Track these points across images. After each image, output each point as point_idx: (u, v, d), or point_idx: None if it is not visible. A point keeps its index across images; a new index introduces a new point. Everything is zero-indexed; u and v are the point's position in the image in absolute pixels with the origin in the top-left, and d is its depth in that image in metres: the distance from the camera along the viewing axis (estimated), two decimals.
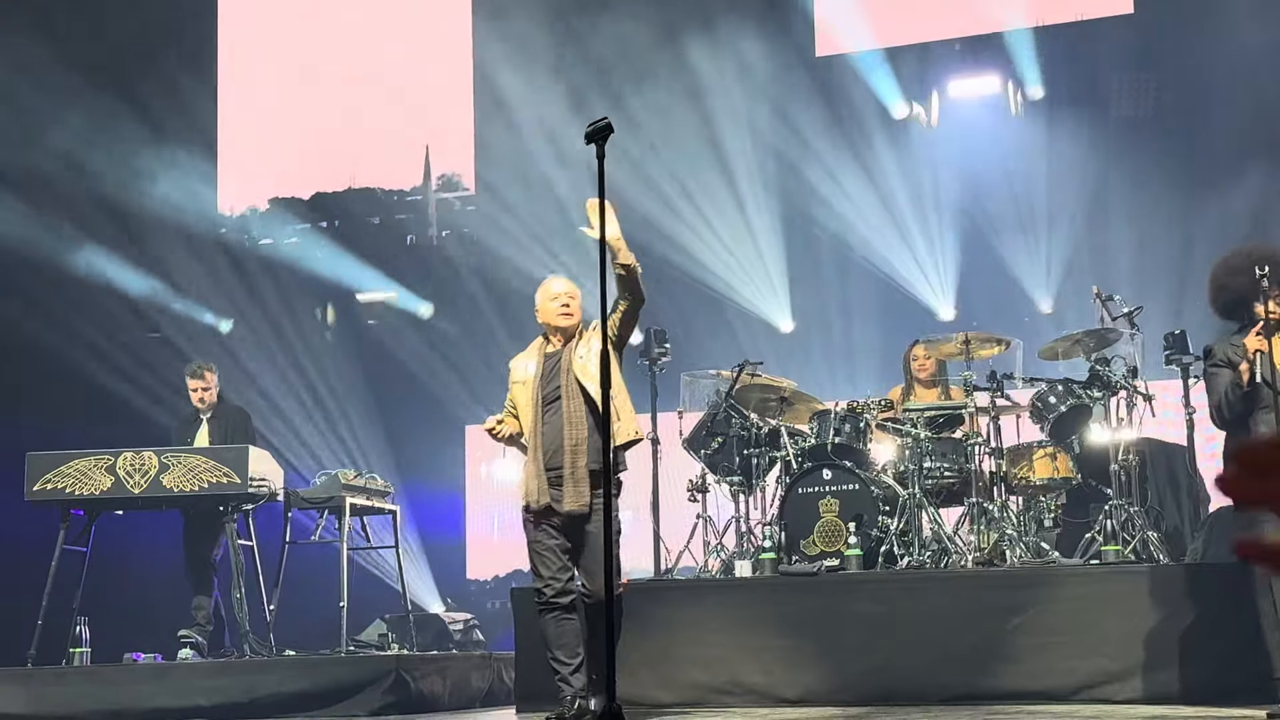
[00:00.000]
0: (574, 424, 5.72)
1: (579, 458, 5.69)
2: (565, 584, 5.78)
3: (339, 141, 12.59)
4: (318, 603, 8.95)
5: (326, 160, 12.69)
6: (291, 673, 7.71)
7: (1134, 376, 7.26)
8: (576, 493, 5.68)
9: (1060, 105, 10.95)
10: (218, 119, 12.78)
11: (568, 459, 5.70)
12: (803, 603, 6.89)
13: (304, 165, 12.73)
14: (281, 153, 12.73)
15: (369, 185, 12.63)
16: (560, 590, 5.77)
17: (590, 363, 5.68)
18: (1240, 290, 5.57)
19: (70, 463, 8.25)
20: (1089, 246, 10.47)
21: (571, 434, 5.72)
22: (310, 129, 12.60)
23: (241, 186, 12.81)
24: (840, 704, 6.51)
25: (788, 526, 7.42)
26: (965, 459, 7.42)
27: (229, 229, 12.76)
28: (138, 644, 8.51)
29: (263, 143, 12.78)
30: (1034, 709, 6.06)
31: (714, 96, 11.28)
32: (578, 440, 5.70)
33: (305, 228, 12.67)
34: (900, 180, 11.19)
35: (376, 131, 12.53)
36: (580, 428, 5.71)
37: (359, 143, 12.60)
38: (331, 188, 12.72)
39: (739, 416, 7.90)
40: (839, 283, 11.29)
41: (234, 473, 8.14)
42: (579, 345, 5.87)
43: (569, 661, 5.77)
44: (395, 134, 12.56)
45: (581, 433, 5.71)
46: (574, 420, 5.72)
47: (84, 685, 7.82)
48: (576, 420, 5.72)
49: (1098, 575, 6.64)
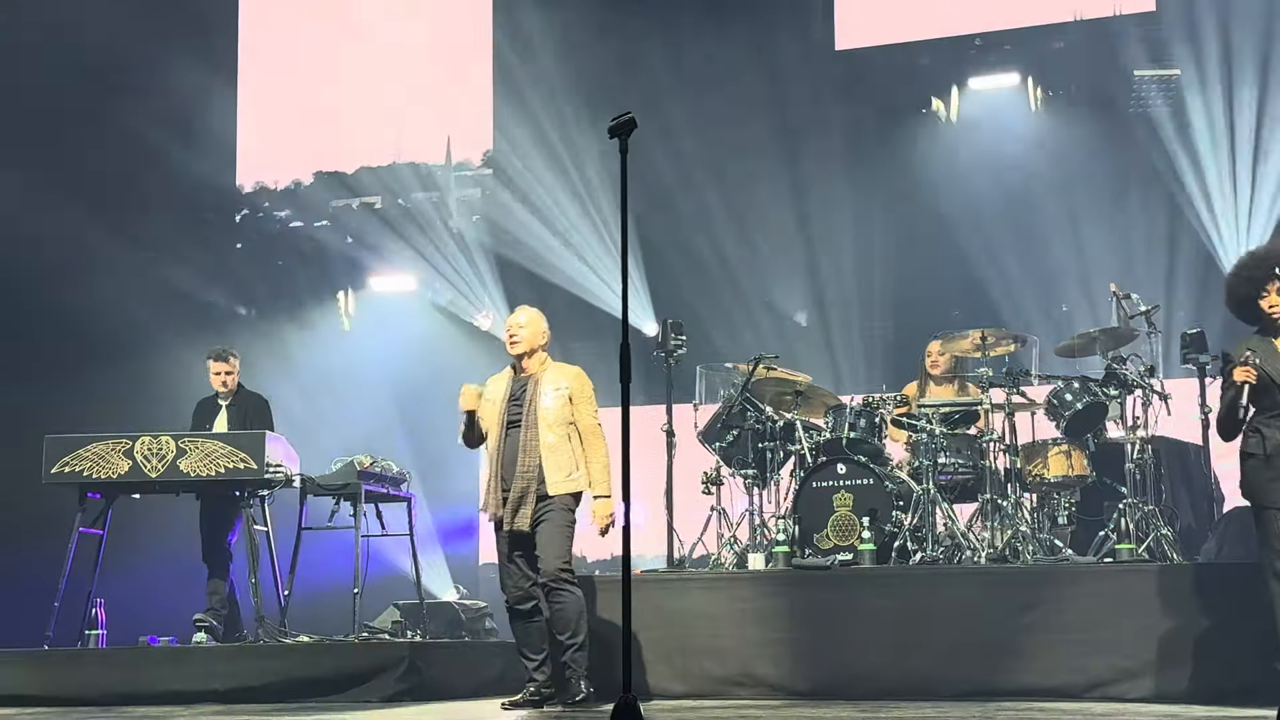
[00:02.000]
0: (528, 452, 6.28)
1: (529, 484, 6.24)
2: (527, 590, 6.37)
3: (357, 125, 12.59)
4: (332, 589, 8.99)
5: (345, 144, 12.69)
6: (305, 658, 7.74)
7: (1150, 375, 7.25)
8: (522, 514, 6.26)
9: (1079, 101, 10.93)
10: (237, 102, 12.79)
11: (517, 484, 6.25)
12: (816, 596, 6.91)
13: (323, 148, 12.73)
14: (301, 135, 12.73)
15: (388, 170, 12.63)
16: (522, 597, 6.39)
17: (555, 413, 6.30)
18: (1245, 292, 5.66)
19: (88, 446, 8.29)
20: (1107, 244, 10.44)
21: (525, 461, 6.27)
22: (330, 111, 12.59)
23: (261, 170, 12.82)
24: (852, 698, 6.52)
25: (801, 520, 7.43)
26: (980, 455, 7.43)
27: (248, 211, 12.77)
28: (153, 627, 8.56)
29: (283, 125, 12.79)
30: (1045, 706, 6.06)
31: (734, 87, 11.27)
32: (529, 467, 6.26)
33: (325, 211, 12.68)
34: (918, 174, 11.17)
35: (395, 116, 12.53)
36: (533, 455, 6.27)
37: (377, 126, 12.60)
38: (349, 171, 12.72)
39: (754, 410, 7.91)
40: (856, 277, 11.28)
41: (250, 458, 8.17)
42: (544, 382, 6.39)
43: (534, 658, 6.41)
44: (414, 118, 12.55)
45: (534, 460, 6.27)
46: (529, 449, 6.28)
47: (99, 668, 7.86)
48: (531, 449, 6.28)
49: (1111, 573, 6.64)
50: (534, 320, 6.54)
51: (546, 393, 6.35)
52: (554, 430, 6.31)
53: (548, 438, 6.29)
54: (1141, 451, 7.17)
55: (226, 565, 8.72)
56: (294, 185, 12.80)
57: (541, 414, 6.31)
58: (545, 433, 6.28)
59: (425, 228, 12.37)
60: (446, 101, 12.55)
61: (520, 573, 6.38)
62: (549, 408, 6.32)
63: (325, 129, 12.65)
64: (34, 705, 7.54)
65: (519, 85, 11.96)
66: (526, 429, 6.30)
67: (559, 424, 6.33)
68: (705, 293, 11.38)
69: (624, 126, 4.42)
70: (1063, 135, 10.82)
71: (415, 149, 12.63)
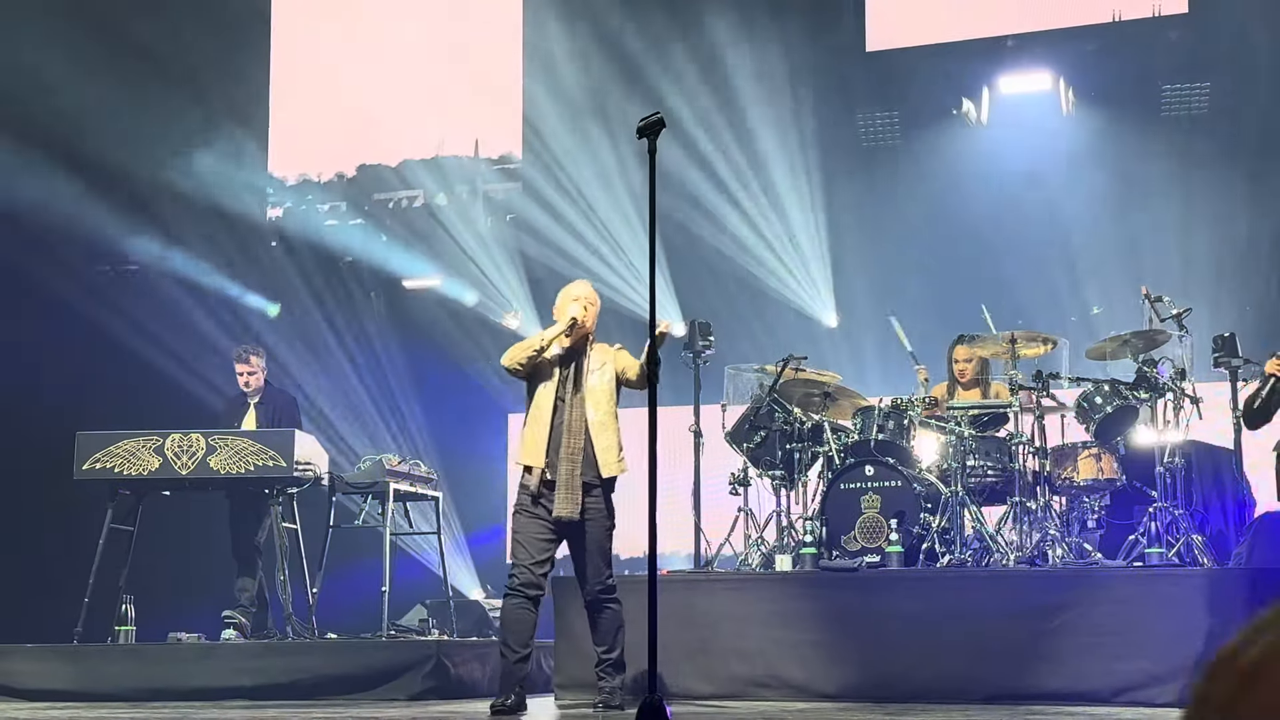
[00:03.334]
0: (573, 433, 6.01)
1: (575, 467, 5.97)
2: (538, 577, 6.06)
3: (388, 124, 12.63)
4: (360, 587, 9.03)
5: (376, 142, 12.73)
6: (333, 655, 7.78)
7: (1181, 378, 7.21)
8: (569, 500, 5.95)
9: (1112, 104, 10.87)
10: (269, 104, 12.85)
11: (564, 466, 5.98)
12: (843, 598, 6.89)
13: (354, 146, 12.76)
14: (332, 134, 12.77)
15: (417, 169, 12.65)
16: (531, 581, 6.05)
17: (600, 390, 6.08)
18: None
19: (119, 443, 8.35)
20: (1139, 246, 10.38)
21: (570, 442, 6.00)
22: (359, 111, 12.63)
23: (292, 169, 12.88)
24: (879, 700, 6.51)
25: (829, 522, 7.42)
26: (1009, 458, 7.40)
27: (278, 209, 12.82)
28: (182, 623, 8.61)
29: (314, 124, 12.83)
30: (1074, 710, 6.03)
31: (764, 87, 11.25)
32: (574, 449, 5.99)
33: (351, 210, 12.72)
34: (949, 175, 11.13)
35: (422, 113, 12.56)
36: (578, 437, 6.00)
37: (408, 124, 12.63)
38: (381, 169, 12.75)
39: (782, 410, 7.90)
40: (884, 278, 11.25)
41: (280, 456, 8.22)
42: (591, 361, 6.16)
43: (519, 651, 6.05)
44: (443, 117, 12.58)
45: (579, 442, 6.00)
46: (574, 429, 6.01)
47: (129, 663, 7.93)
48: (576, 430, 6.02)
49: (1141, 577, 6.61)
50: (594, 296, 6.32)
51: (594, 371, 6.16)
52: (601, 408, 6.11)
53: (594, 415, 6.07)
54: (1172, 455, 7.13)
55: (255, 562, 8.77)
56: (323, 183, 12.83)
57: (589, 392, 6.10)
58: (591, 410, 6.07)
59: (452, 227, 12.40)
60: (475, 100, 12.57)
61: (538, 556, 6.08)
62: (596, 386, 6.13)
63: (356, 125, 12.69)
64: (65, 700, 7.60)
65: (546, 87, 11.97)
66: (572, 407, 6.07)
67: (606, 402, 6.14)
68: (733, 294, 11.37)
69: (652, 127, 4.42)
70: (1094, 137, 10.76)
71: (442, 147, 12.64)
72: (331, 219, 12.70)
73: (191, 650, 8.11)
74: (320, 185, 12.76)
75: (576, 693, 6.96)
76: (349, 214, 12.71)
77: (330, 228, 12.66)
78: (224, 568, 8.96)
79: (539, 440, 6.06)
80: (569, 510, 5.97)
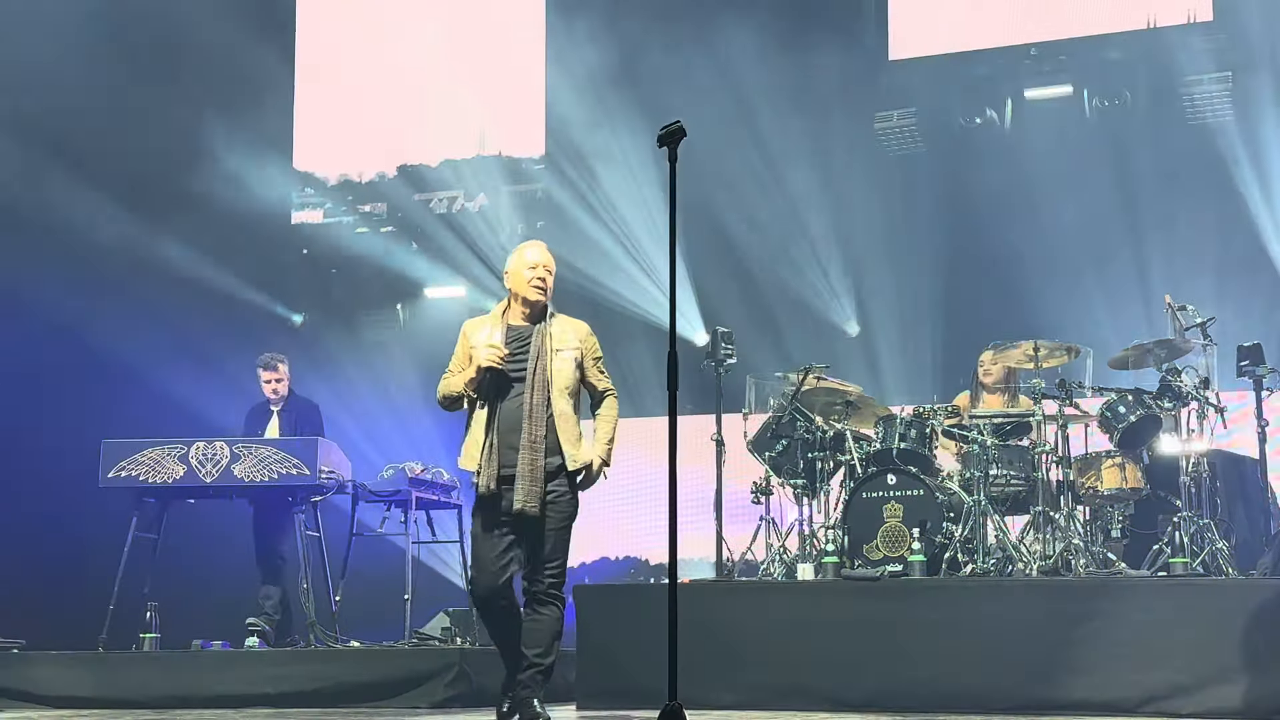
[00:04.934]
0: (535, 419, 5.36)
1: (537, 455, 5.34)
2: (501, 586, 5.44)
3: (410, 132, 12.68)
4: (382, 595, 9.04)
5: (400, 150, 12.77)
6: (356, 663, 7.80)
7: (1206, 388, 7.18)
8: (532, 491, 5.32)
9: (1135, 112, 10.84)
10: (294, 116, 12.91)
11: (525, 456, 5.33)
12: (865, 608, 6.87)
13: (379, 156, 12.81)
14: (357, 138, 12.81)
15: (441, 177, 12.69)
16: (495, 592, 5.44)
17: (565, 375, 5.45)
18: None
19: (144, 451, 8.41)
20: (1163, 255, 10.34)
21: (531, 430, 5.36)
22: (381, 121, 12.68)
23: (318, 176, 12.92)
24: (901, 710, 6.49)
25: (851, 530, 7.41)
26: (1032, 467, 7.38)
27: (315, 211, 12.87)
28: (206, 631, 8.65)
29: (339, 132, 12.88)
30: None
31: (786, 96, 11.25)
32: (536, 436, 5.35)
33: (378, 219, 12.76)
34: (972, 184, 11.11)
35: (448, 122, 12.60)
36: (540, 424, 5.36)
37: (430, 132, 12.67)
38: (402, 179, 12.79)
39: (804, 419, 7.90)
40: (906, 287, 11.23)
41: (303, 464, 8.26)
42: (554, 337, 5.50)
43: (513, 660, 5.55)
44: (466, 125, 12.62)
45: (540, 430, 5.36)
46: (535, 415, 5.36)
47: (153, 670, 7.96)
48: (538, 416, 5.37)
49: (1165, 587, 6.58)
50: (550, 260, 5.62)
51: (559, 351, 5.49)
52: (564, 396, 5.44)
53: (558, 404, 5.41)
54: (1196, 465, 7.10)
55: (279, 570, 8.81)
56: (349, 191, 12.86)
57: (555, 375, 5.44)
58: (557, 398, 5.40)
59: (474, 234, 12.42)
60: (496, 111, 12.61)
61: (499, 562, 5.42)
62: (561, 370, 5.46)
63: (381, 129, 12.72)
64: (88, 707, 7.64)
65: (567, 97, 12.00)
66: (533, 391, 5.37)
67: (568, 390, 5.47)
68: (755, 302, 11.36)
69: (673, 135, 4.42)
70: (1117, 143, 10.73)
71: (466, 151, 12.67)
72: (363, 226, 12.72)
73: (215, 658, 8.14)
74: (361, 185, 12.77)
75: (598, 700, 6.97)
76: (372, 221, 12.73)
77: (355, 235, 12.70)
78: (248, 575, 9.00)
79: (487, 456, 5.40)
80: (531, 504, 5.33)
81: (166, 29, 12.04)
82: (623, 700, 6.81)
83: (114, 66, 11.49)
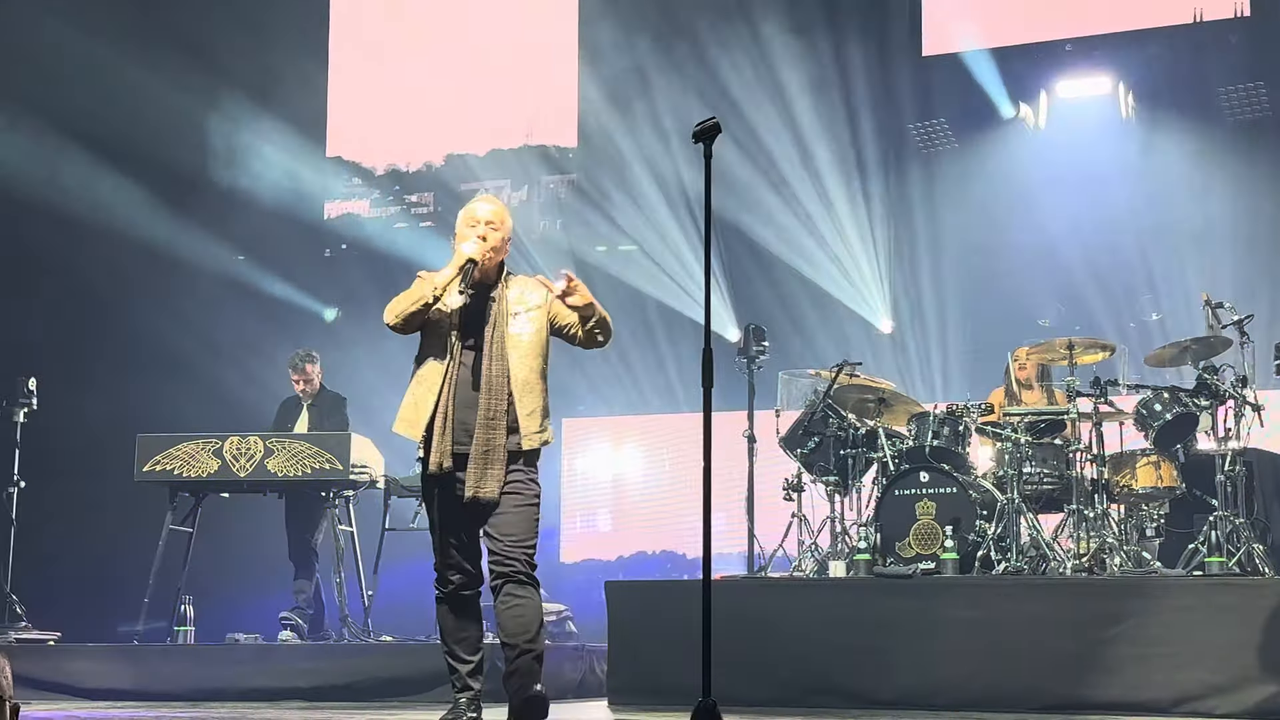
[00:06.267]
0: (494, 392, 4.73)
1: (495, 435, 4.71)
2: (472, 572, 4.91)
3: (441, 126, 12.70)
4: (415, 589, 9.05)
5: (429, 144, 12.80)
6: (388, 658, 7.83)
7: (1243, 385, 7.12)
8: (488, 475, 4.71)
9: (1171, 108, 10.75)
10: (327, 110, 12.95)
11: (480, 435, 4.71)
12: (897, 605, 6.85)
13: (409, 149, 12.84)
14: (392, 131, 12.84)
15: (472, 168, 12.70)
16: (467, 580, 4.92)
17: (529, 341, 4.83)
18: None
19: (178, 445, 8.48)
20: (1199, 252, 10.27)
21: (490, 404, 4.72)
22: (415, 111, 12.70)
23: (350, 171, 12.97)
24: (934, 709, 6.47)
25: (883, 528, 7.39)
26: (1066, 465, 7.34)
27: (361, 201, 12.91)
28: (240, 624, 8.70)
29: (372, 128, 12.92)
30: None
31: (819, 91, 11.22)
32: (495, 412, 4.71)
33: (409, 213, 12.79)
34: (1006, 181, 11.06)
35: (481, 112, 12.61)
36: (500, 397, 4.73)
37: (462, 126, 12.69)
38: (432, 170, 12.81)
39: (836, 416, 7.88)
40: (940, 284, 11.19)
41: (336, 459, 8.31)
42: (510, 300, 4.88)
43: (469, 660, 4.99)
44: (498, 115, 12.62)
45: (500, 405, 4.72)
46: (494, 387, 4.73)
47: (187, 663, 8.02)
48: (498, 388, 4.74)
49: (1200, 587, 6.53)
50: (503, 215, 4.97)
51: (519, 314, 4.86)
52: (527, 363, 4.81)
53: (520, 373, 4.78)
54: (1233, 463, 7.05)
55: (312, 565, 8.86)
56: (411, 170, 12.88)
57: (512, 341, 4.80)
58: (517, 366, 4.78)
59: None
60: (530, 105, 12.61)
61: (465, 548, 4.88)
62: (521, 334, 4.83)
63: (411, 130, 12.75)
64: (124, 700, 7.70)
65: (600, 92, 11.99)
66: (491, 360, 4.75)
67: (533, 355, 4.83)
68: (788, 299, 11.34)
69: (708, 131, 4.41)
70: (1154, 141, 10.65)
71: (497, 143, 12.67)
72: (402, 221, 12.73)
73: (249, 651, 8.19)
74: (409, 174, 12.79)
75: (630, 696, 6.97)
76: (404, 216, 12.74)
77: (387, 230, 12.73)
78: (281, 569, 9.04)
79: (424, 404, 4.79)
80: (488, 489, 4.72)
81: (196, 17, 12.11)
82: (655, 697, 6.82)
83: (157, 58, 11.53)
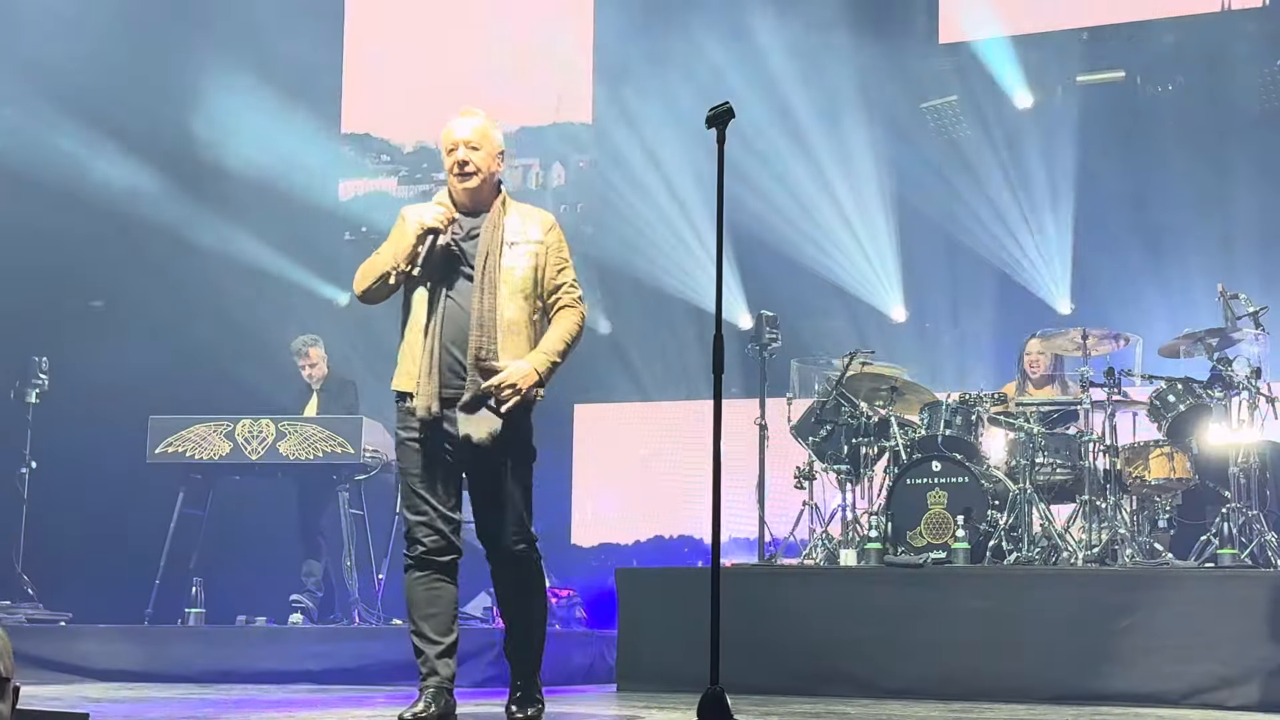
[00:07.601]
0: (485, 328, 4.37)
1: (487, 375, 4.35)
2: (449, 534, 4.48)
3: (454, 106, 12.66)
4: None
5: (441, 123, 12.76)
6: (399, 641, 7.81)
7: (1257, 377, 7.09)
8: (481, 422, 4.38)
9: (1188, 98, 10.71)
10: (342, 93, 12.93)
11: (471, 378, 4.36)
12: (907, 595, 6.85)
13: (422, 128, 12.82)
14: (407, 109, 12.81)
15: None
16: (442, 546, 4.47)
17: (520, 277, 4.45)
18: None
19: (190, 428, 8.50)
20: (1214, 243, 10.22)
21: (481, 342, 4.35)
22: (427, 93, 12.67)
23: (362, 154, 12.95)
24: (944, 698, 6.46)
25: (894, 517, 7.37)
26: (1079, 456, 7.32)
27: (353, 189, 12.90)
28: (250, 607, 8.72)
29: (385, 112, 12.89)
30: (1142, 712, 5.95)
31: (834, 79, 11.18)
32: (486, 353, 4.35)
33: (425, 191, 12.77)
34: (1021, 170, 11.02)
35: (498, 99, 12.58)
36: (491, 336, 4.36)
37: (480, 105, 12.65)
38: None
39: (848, 405, 7.86)
40: (954, 273, 11.16)
41: (348, 443, 8.33)
42: (507, 233, 4.48)
43: (439, 640, 4.52)
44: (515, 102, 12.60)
45: (492, 345, 4.36)
46: (486, 324, 4.37)
47: (197, 645, 8.04)
48: (488, 324, 4.37)
49: (1213, 579, 6.51)
50: (486, 134, 4.52)
51: (512, 246, 4.47)
52: (515, 301, 4.43)
53: (508, 310, 4.41)
54: (1246, 455, 7.02)
55: (322, 548, 8.88)
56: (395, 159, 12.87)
57: (504, 274, 4.41)
58: (505, 303, 4.40)
59: None
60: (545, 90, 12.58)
61: (446, 504, 4.46)
62: (514, 267, 4.44)
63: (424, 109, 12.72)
64: (135, 680, 7.72)
65: (614, 82, 11.96)
66: (482, 294, 4.37)
67: (522, 293, 4.45)
68: (800, 287, 11.31)
69: (721, 117, 4.38)
70: (1170, 130, 10.60)
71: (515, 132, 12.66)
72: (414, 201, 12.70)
73: (259, 633, 8.21)
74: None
75: (639, 683, 6.97)
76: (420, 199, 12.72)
77: None
78: (292, 552, 9.06)
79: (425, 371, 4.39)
80: (483, 431, 4.38)
81: None
82: (663, 684, 6.81)
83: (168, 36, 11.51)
